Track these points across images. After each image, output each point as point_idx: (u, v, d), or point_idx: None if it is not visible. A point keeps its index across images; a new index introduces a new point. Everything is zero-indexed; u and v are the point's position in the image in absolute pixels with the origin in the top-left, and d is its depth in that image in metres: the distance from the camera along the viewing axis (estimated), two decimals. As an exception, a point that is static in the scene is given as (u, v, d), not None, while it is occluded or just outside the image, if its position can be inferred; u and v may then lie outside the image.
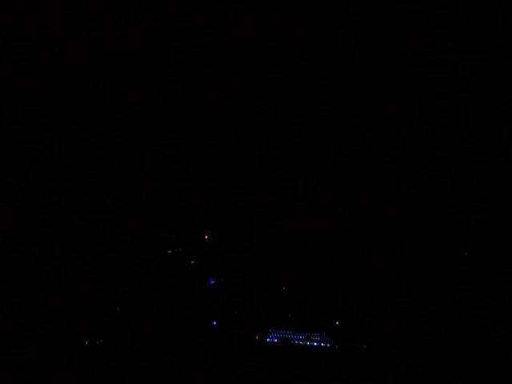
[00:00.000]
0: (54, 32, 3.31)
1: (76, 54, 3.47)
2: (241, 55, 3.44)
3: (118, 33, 3.31)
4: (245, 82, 3.67)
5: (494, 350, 3.46)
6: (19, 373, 3.44)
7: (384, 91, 3.62)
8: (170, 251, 4.09)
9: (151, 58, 3.52)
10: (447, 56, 3.30)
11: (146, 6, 3.12)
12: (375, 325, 3.86)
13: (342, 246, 4.11)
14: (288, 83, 3.65)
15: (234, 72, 3.59)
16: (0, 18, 3.21)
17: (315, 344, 3.89)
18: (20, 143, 3.84)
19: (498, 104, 3.55)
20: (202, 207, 4.30)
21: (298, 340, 3.93)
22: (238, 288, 4.15)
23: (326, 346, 3.87)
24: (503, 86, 3.44)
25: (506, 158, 3.70)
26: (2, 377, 3.40)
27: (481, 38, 3.14)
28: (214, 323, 3.96)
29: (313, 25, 3.17)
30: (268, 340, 3.97)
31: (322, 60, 3.41)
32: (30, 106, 3.79)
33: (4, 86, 3.63)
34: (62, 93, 3.77)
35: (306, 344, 3.90)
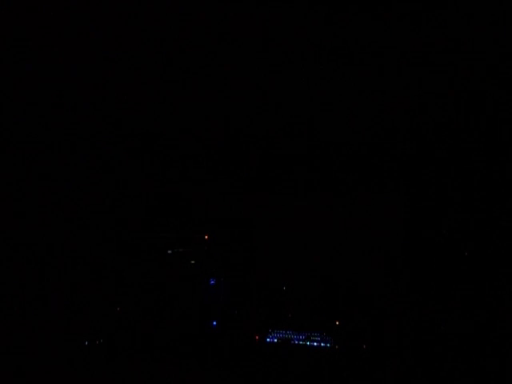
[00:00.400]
0: (54, 32, 3.31)
1: (76, 54, 3.47)
2: (241, 55, 3.44)
3: (118, 33, 3.31)
4: (245, 82, 3.67)
5: (494, 349, 3.46)
6: (19, 373, 3.44)
7: (384, 91, 3.62)
8: (170, 251, 4.09)
9: (151, 58, 3.52)
10: (447, 56, 3.30)
11: (146, 6, 3.12)
12: (375, 325, 3.86)
13: (342, 246, 4.11)
14: (288, 83, 3.65)
15: (234, 72, 3.59)
16: (0, 18, 3.21)
17: (315, 344, 3.89)
18: (20, 143, 3.84)
19: (498, 104, 3.55)
20: (202, 207, 4.30)
21: (298, 340, 3.93)
22: (238, 288, 4.15)
23: (326, 346, 3.87)
24: (503, 85, 3.44)
25: (506, 158, 3.70)
26: (2, 377, 3.40)
27: (481, 37, 3.14)
28: (214, 323, 3.96)
29: (313, 25, 3.17)
30: (268, 340, 3.97)
31: (322, 60, 3.41)
32: (30, 106, 3.79)
33: (4, 86, 3.63)
34: (62, 93, 3.77)
35: (306, 344, 3.90)
